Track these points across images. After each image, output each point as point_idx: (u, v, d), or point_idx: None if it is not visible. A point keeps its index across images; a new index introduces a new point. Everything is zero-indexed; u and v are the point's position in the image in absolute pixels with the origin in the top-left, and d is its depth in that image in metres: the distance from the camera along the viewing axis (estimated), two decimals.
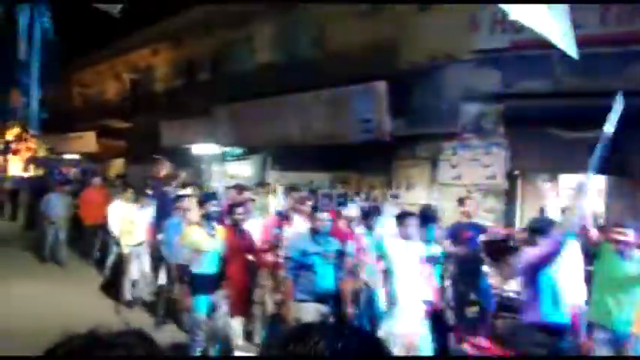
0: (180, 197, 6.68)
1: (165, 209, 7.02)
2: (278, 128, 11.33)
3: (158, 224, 7.00)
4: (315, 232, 4.57)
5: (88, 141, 20.59)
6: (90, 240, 9.57)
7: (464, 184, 8.42)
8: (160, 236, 6.79)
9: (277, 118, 11.29)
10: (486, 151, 8.18)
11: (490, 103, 8.12)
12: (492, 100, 8.06)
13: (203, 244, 4.76)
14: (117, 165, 19.49)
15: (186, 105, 15.45)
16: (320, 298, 4.43)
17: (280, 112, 11.26)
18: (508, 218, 7.85)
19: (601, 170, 7.17)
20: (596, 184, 7.55)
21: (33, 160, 19.84)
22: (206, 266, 4.75)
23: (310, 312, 4.33)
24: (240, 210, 5.43)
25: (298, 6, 11.90)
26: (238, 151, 13.80)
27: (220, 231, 4.97)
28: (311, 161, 11.02)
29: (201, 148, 14.32)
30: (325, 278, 4.46)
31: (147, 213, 7.39)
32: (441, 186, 8.78)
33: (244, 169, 13.69)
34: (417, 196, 8.93)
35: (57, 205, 9.53)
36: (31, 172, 18.57)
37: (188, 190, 8.08)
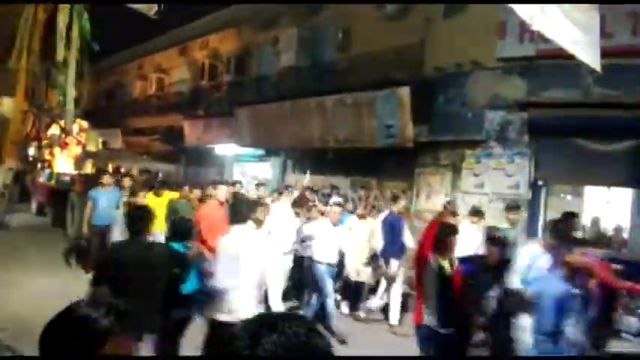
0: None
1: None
2: (299, 131, 11.37)
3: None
4: None
5: (115, 138, 20.93)
6: None
7: (486, 192, 8.33)
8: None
9: (299, 120, 11.33)
10: (510, 160, 8.07)
11: (515, 112, 8.02)
12: (517, 108, 7.96)
13: None
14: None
15: (210, 105, 15.65)
16: None
17: (302, 115, 11.30)
18: (531, 229, 7.72)
19: (627, 183, 7.11)
20: (622, 197, 7.41)
21: (90, 155, 17.31)
22: None
23: None
24: None
25: (324, 9, 11.95)
26: (259, 152, 13.89)
27: None
28: (331, 165, 11.04)
29: (222, 149, 14.47)
30: None
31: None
32: (463, 194, 8.70)
33: (264, 171, 13.77)
34: (438, 204, 8.85)
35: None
36: (86, 169, 16.76)
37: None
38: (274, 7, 13.24)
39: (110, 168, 14.33)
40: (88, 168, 16.98)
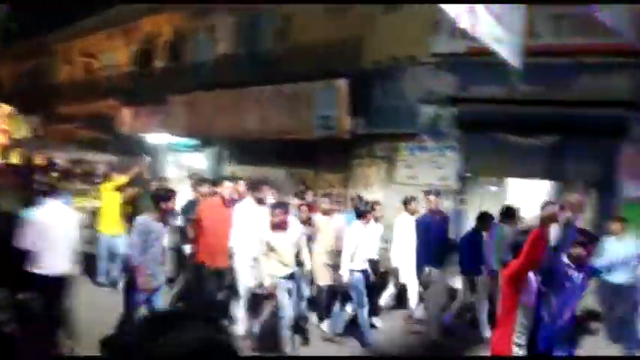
0: None
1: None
2: (235, 121, 11.14)
3: None
4: None
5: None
6: None
7: (418, 184, 8.56)
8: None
9: (235, 110, 11.09)
10: (441, 153, 8.35)
11: (446, 107, 8.28)
12: (448, 103, 8.22)
13: None
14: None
15: (142, 92, 14.99)
16: None
17: (239, 105, 11.08)
18: (458, 219, 8.03)
19: (547, 176, 7.56)
20: (543, 189, 7.87)
21: (17, 144, 15.77)
22: None
23: None
24: None
25: None
26: (193, 142, 13.49)
27: None
28: (268, 156, 10.92)
29: (155, 138, 13.93)
30: None
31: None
32: (397, 185, 8.89)
33: (199, 162, 13.40)
34: (374, 195, 9.00)
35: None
36: (13, 159, 15.13)
37: None
38: None
39: (41, 159, 13.12)
40: (15, 158, 15.58)
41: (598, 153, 7.02)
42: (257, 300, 5.90)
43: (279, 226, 5.15)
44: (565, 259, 3.32)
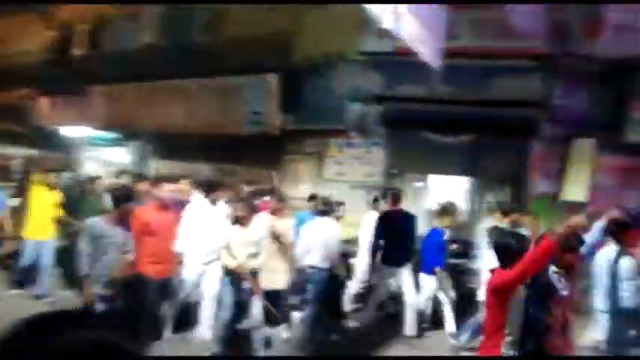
0: None
1: None
2: (161, 114, 10.73)
3: None
4: None
5: None
6: None
7: (347, 180, 8.70)
8: None
9: (161, 103, 10.69)
10: (368, 150, 8.53)
11: (372, 104, 8.46)
12: (374, 101, 8.40)
13: None
14: None
15: (58, 82, 14.05)
16: None
17: (165, 98, 10.69)
18: None
19: (465, 172, 7.96)
20: (462, 184, 8.28)
21: None
22: None
23: None
24: None
25: None
26: (114, 135, 12.84)
27: None
28: (195, 151, 10.62)
29: (72, 130, 13.13)
30: None
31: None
32: (326, 181, 8.97)
33: (121, 156, 12.79)
34: (304, 191, 9.01)
35: None
36: None
37: None
38: None
39: None
40: None
41: (511, 151, 7.48)
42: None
43: (239, 221, 4.97)
44: (553, 268, 3.16)
